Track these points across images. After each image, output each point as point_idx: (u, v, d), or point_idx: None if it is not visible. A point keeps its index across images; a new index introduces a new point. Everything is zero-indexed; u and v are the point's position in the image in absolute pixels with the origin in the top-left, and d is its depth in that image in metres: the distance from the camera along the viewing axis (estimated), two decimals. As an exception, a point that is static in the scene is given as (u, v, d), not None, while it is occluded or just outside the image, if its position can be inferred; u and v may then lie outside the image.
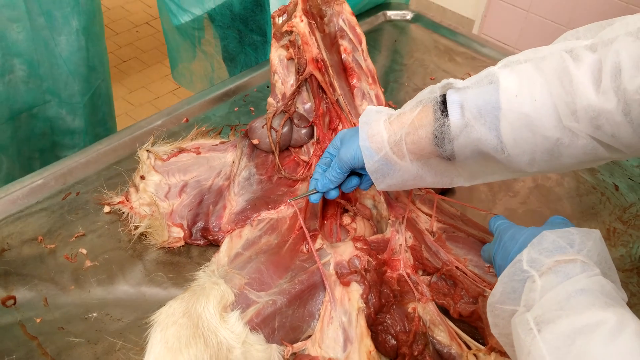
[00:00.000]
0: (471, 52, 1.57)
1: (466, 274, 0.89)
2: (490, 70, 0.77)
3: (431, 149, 0.79)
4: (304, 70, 1.09)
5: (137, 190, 1.06)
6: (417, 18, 1.69)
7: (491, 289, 0.83)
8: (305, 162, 1.11)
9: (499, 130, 0.74)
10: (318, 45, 1.09)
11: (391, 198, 1.01)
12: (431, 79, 1.47)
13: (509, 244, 0.75)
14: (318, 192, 0.93)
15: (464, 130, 0.75)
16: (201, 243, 1.03)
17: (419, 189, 1.03)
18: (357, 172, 0.91)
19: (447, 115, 0.76)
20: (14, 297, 0.92)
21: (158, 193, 1.06)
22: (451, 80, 0.79)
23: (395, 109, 1.34)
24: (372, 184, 0.91)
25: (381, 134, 0.83)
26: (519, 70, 0.74)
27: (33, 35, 1.41)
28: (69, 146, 1.66)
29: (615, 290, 0.62)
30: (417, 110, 0.80)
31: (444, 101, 0.77)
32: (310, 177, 1.05)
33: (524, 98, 0.72)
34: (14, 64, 1.42)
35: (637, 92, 0.64)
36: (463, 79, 0.80)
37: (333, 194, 0.93)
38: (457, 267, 0.90)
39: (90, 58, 1.57)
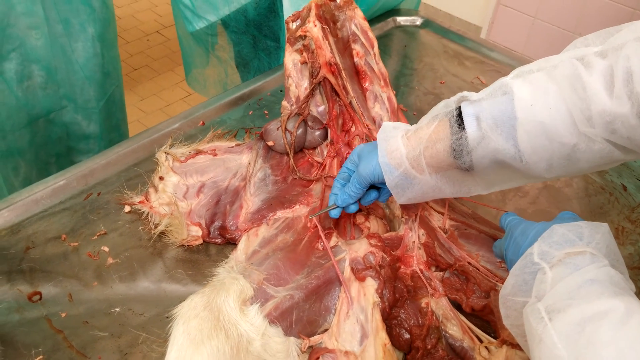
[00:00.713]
0: (480, 57, 1.60)
1: (478, 269, 0.92)
2: (503, 81, 0.78)
3: (450, 161, 0.81)
4: (318, 74, 1.12)
5: (156, 190, 1.09)
6: (427, 24, 1.72)
7: (502, 283, 0.86)
8: (319, 163, 1.14)
9: (516, 140, 0.75)
10: (331, 49, 1.12)
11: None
12: (441, 82, 1.50)
13: (520, 238, 0.77)
14: (338, 207, 0.96)
15: (481, 141, 0.77)
16: (219, 241, 1.06)
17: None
18: (375, 185, 0.94)
19: (463, 128, 0.78)
20: (39, 293, 0.95)
21: (176, 193, 1.09)
22: (465, 93, 0.81)
23: (406, 112, 1.37)
24: (390, 196, 0.94)
25: (400, 150, 0.85)
26: (531, 80, 0.76)
27: (51, 42, 1.45)
28: (84, 151, 1.69)
29: (623, 280, 0.64)
30: (433, 125, 0.82)
31: (459, 114, 0.79)
32: (325, 179, 1.08)
33: (539, 107, 0.74)
34: (32, 70, 1.46)
35: None
36: (473, 82, 0.82)
37: (353, 209, 0.96)
38: (469, 263, 0.92)
39: (105, 64, 1.61)
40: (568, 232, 0.68)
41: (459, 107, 0.80)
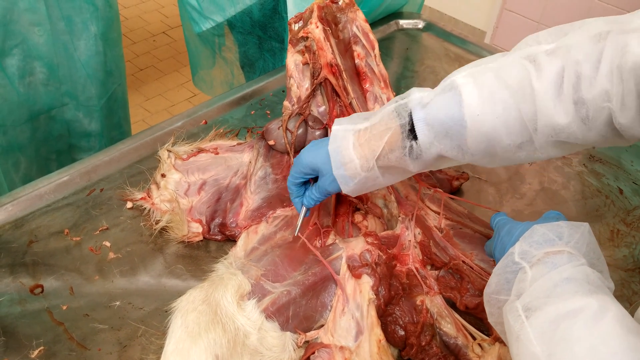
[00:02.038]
0: (481, 60, 1.61)
1: (472, 268, 0.93)
2: (453, 81, 0.79)
3: (401, 166, 0.84)
4: (319, 75, 1.14)
5: (158, 187, 1.11)
6: (429, 27, 1.74)
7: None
8: (319, 162, 1.16)
9: (464, 145, 0.78)
10: (332, 50, 1.13)
11: (401, 197, 1.05)
12: (441, 85, 1.51)
13: (505, 238, 0.79)
14: (306, 210, 0.97)
15: (431, 147, 0.80)
16: (219, 238, 1.07)
17: (428, 188, 1.08)
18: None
19: (415, 137, 0.80)
20: (41, 286, 0.96)
21: (178, 190, 1.11)
22: (415, 94, 0.82)
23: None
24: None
25: (354, 162, 0.86)
26: (481, 83, 0.76)
27: (53, 39, 1.47)
28: (85, 149, 1.71)
29: (600, 279, 0.65)
30: (386, 136, 0.82)
31: (411, 120, 0.80)
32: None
33: (487, 116, 0.75)
34: (34, 66, 1.47)
35: (596, 100, 0.68)
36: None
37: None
38: (463, 262, 0.94)
39: (107, 63, 1.63)
40: (548, 232, 0.70)
41: (410, 115, 0.81)
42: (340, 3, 1.19)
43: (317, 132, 1.16)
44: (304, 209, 0.96)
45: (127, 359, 0.88)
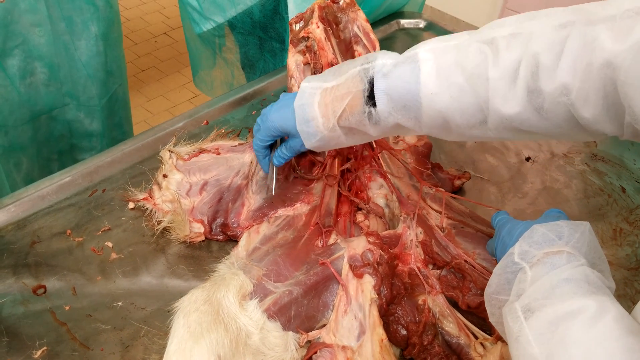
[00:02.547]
0: (482, 60, 1.61)
1: (474, 267, 0.93)
2: (416, 54, 0.83)
3: (360, 129, 0.88)
4: (320, 75, 1.14)
5: (159, 187, 1.11)
6: (430, 26, 1.74)
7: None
8: (320, 162, 1.16)
9: (419, 119, 0.82)
10: (333, 50, 1.14)
11: (403, 196, 1.05)
12: (443, 85, 1.51)
13: (506, 238, 0.79)
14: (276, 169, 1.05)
15: (389, 115, 0.83)
16: (220, 238, 1.08)
17: (430, 187, 1.08)
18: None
19: (374, 104, 0.84)
20: (44, 286, 0.97)
21: (180, 191, 1.11)
22: (379, 59, 0.85)
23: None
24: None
25: (317, 120, 0.90)
26: (441, 63, 0.78)
27: (54, 40, 1.47)
28: (87, 149, 1.71)
29: (600, 278, 0.65)
30: (347, 99, 0.86)
31: (372, 85, 0.84)
32: (326, 178, 1.09)
33: (442, 96, 0.78)
34: (35, 66, 1.48)
35: (554, 94, 0.68)
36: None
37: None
38: (465, 261, 0.94)
39: (108, 63, 1.63)
40: (548, 232, 0.70)
41: (372, 79, 0.84)
42: (341, 3, 1.19)
43: (319, 132, 1.16)
44: (275, 168, 1.03)
45: (130, 359, 0.88)
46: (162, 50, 3.52)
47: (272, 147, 1.06)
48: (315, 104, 0.90)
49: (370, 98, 0.84)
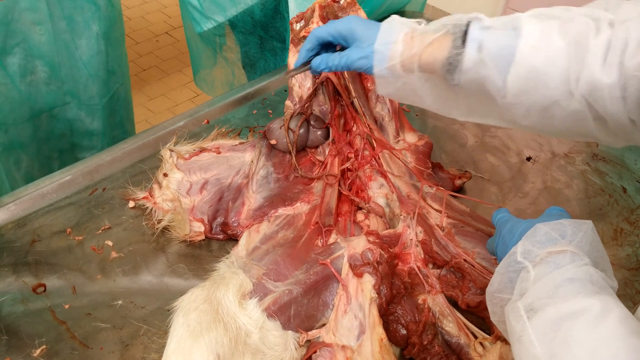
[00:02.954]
0: (483, 59, 1.61)
1: (474, 267, 0.93)
2: (517, 16, 0.78)
3: (441, 72, 0.82)
4: (320, 74, 1.14)
5: (160, 186, 1.11)
6: (431, 26, 1.73)
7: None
8: (320, 162, 1.16)
9: (506, 76, 0.76)
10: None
11: (403, 195, 1.05)
12: (444, 84, 1.51)
13: (507, 237, 0.78)
14: (309, 67, 0.97)
15: (475, 66, 0.78)
16: (221, 237, 1.07)
17: (430, 186, 1.07)
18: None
19: (464, 47, 0.78)
20: (44, 285, 0.97)
21: (180, 190, 1.11)
22: (480, 15, 0.81)
23: (409, 113, 1.39)
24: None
25: (397, 45, 0.85)
26: (544, 26, 0.75)
27: (55, 38, 1.47)
28: (87, 147, 1.72)
29: (603, 278, 0.65)
30: (438, 34, 0.81)
31: (466, 32, 0.79)
32: (326, 177, 1.09)
33: (540, 52, 0.74)
34: (35, 65, 1.48)
35: (636, 69, 0.67)
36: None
37: (319, 72, 0.98)
38: (465, 260, 0.93)
39: (109, 62, 1.63)
40: (551, 231, 0.69)
41: (467, 26, 0.79)
42: (341, 2, 1.19)
43: (319, 132, 1.16)
44: (301, 62, 0.97)
45: (129, 358, 0.88)
46: (163, 50, 3.52)
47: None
48: (402, 33, 0.85)
49: (460, 45, 0.78)
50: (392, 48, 0.85)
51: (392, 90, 0.89)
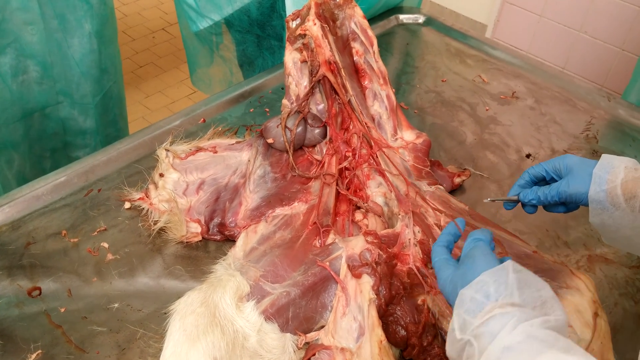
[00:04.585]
0: (482, 55, 1.60)
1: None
2: None
3: None
4: (317, 72, 1.13)
5: (156, 187, 1.10)
6: (429, 22, 1.72)
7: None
8: (318, 160, 1.15)
9: None
10: (331, 47, 1.12)
11: (401, 195, 1.04)
12: (442, 80, 1.50)
13: (447, 287, 0.76)
14: (518, 201, 0.94)
15: None
16: (218, 238, 1.06)
17: (428, 184, 1.06)
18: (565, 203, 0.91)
19: None
20: (39, 288, 0.96)
21: (176, 190, 1.10)
22: None
23: (407, 110, 1.38)
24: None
25: (619, 170, 0.83)
26: None
27: (47, 38, 1.46)
28: (81, 146, 1.71)
29: (541, 324, 0.62)
30: None
31: None
32: (324, 177, 1.08)
33: None
34: (27, 64, 1.47)
35: None
36: (475, 81, 0.81)
37: (530, 210, 0.94)
38: (465, 261, 0.92)
39: (102, 60, 1.62)
40: (475, 295, 0.67)
41: None
42: (338, 0, 1.18)
43: (316, 130, 1.15)
44: (512, 195, 0.95)
45: (126, 361, 0.87)
46: (160, 46, 3.50)
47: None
48: (623, 165, 0.83)
49: None
50: (612, 172, 0.83)
51: (607, 219, 0.85)
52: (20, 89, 1.47)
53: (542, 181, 0.95)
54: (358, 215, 1.08)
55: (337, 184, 1.09)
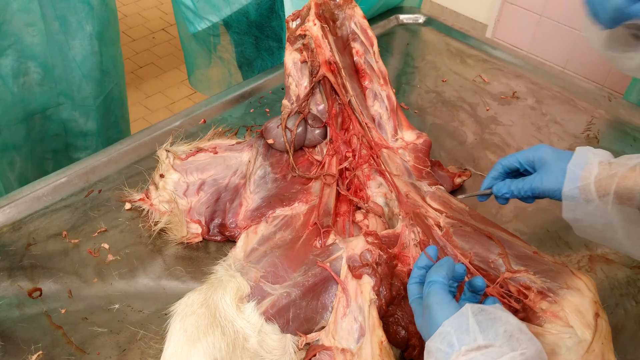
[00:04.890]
0: (483, 55, 1.60)
1: (469, 270, 0.91)
2: None
3: (639, 201, 0.78)
4: (317, 73, 1.12)
5: (156, 188, 1.10)
6: (429, 21, 1.72)
7: (492, 283, 0.87)
8: (318, 161, 1.14)
9: None
10: (331, 48, 1.12)
11: (402, 195, 1.04)
12: (443, 80, 1.50)
13: (421, 332, 0.75)
14: (491, 193, 0.95)
15: None
16: (218, 239, 1.06)
17: (429, 185, 1.06)
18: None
19: None
20: (39, 289, 0.96)
21: (177, 191, 1.10)
22: None
23: (407, 110, 1.37)
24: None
25: (592, 166, 0.82)
26: None
27: (48, 39, 1.46)
28: (82, 148, 1.71)
29: None
30: (632, 168, 0.79)
31: None
32: (324, 177, 1.08)
33: None
34: (29, 66, 1.47)
35: None
36: (475, 81, 0.81)
37: (502, 202, 0.95)
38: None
39: (103, 62, 1.62)
40: (440, 345, 0.67)
41: None
42: (337, 0, 1.18)
43: (317, 131, 1.15)
44: (484, 188, 0.95)
45: (127, 362, 0.87)
46: (160, 47, 3.50)
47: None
48: (597, 159, 0.83)
49: None
50: (586, 168, 0.83)
51: (580, 215, 0.85)
52: (22, 90, 1.47)
53: (515, 172, 0.95)
54: (358, 216, 1.08)
55: (337, 185, 1.09)
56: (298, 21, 1.14)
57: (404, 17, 1.73)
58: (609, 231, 0.84)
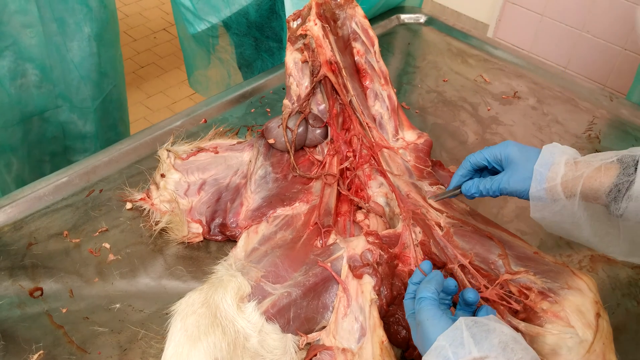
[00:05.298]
0: (484, 55, 1.60)
1: (469, 271, 0.91)
2: None
3: (605, 201, 0.78)
4: (318, 73, 1.12)
5: (157, 187, 1.10)
6: (430, 21, 1.72)
7: (492, 284, 0.86)
8: (319, 161, 1.14)
9: None
10: (332, 48, 1.12)
11: (402, 195, 1.04)
12: (444, 80, 1.50)
13: (418, 347, 0.75)
14: (460, 192, 0.96)
15: None
16: (219, 238, 1.06)
17: (429, 185, 1.06)
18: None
19: (635, 175, 0.75)
20: (40, 289, 0.96)
21: (178, 190, 1.10)
22: None
23: (408, 110, 1.37)
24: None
25: (559, 167, 0.83)
26: None
27: (45, 41, 1.45)
28: (80, 150, 1.70)
29: None
30: (607, 161, 0.79)
31: (639, 161, 0.77)
32: (325, 177, 1.08)
33: None
34: (26, 68, 1.46)
35: None
36: (476, 80, 0.81)
37: (471, 198, 0.95)
38: (461, 265, 0.92)
39: (102, 64, 1.61)
40: None
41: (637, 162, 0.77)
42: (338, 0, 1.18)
43: (318, 131, 1.15)
44: (453, 186, 0.95)
45: (127, 362, 0.87)
46: (161, 47, 3.50)
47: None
48: (564, 158, 0.83)
49: (632, 172, 0.76)
50: (552, 169, 0.83)
51: (548, 215, 0.85)
52: (19, 92, 1.47)
53: (483, 169, 0.95)
54: (359, 216, 1.08)
55: (338, 184, 1.09)
56: (299, 21, 1.14)
57: (405, 17, 1.73)
58: (577, 229, 0.85)
